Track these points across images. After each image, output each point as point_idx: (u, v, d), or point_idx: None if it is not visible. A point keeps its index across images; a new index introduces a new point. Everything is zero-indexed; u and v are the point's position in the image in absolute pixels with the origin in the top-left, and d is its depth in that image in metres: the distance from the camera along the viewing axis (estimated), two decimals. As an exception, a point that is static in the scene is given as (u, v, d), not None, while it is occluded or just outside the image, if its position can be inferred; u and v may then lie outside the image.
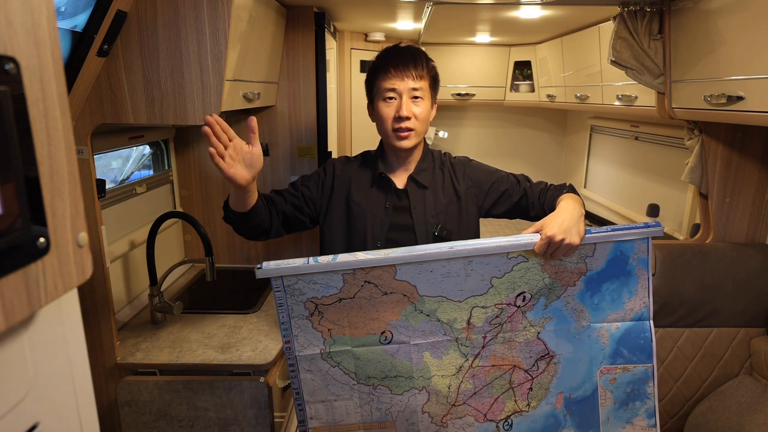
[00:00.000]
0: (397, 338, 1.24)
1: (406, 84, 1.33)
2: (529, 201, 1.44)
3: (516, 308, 1.24)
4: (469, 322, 1.24)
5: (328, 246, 1.44)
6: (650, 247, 1.22)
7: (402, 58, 1.35)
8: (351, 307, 1.21)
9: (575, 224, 1.15)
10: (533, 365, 1.28)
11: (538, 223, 1.18)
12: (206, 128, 1.15)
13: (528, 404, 1.30)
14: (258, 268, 1.15)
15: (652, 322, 1.27)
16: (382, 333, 1.24)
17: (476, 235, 1.49)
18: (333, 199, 1.44)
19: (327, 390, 1.27)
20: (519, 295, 1.23)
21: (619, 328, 1.27)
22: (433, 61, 1.42)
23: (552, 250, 1.14)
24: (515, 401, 1.30)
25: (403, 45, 1.40)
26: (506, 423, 1.31)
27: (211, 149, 1.15)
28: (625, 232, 1.20)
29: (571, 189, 1.40)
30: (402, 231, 1.41)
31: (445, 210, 1.42)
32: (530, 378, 1.29)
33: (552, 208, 1.31)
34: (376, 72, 1.37)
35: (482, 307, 1.23)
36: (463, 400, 1.29)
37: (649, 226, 1.20)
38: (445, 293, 1.21)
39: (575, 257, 1.21)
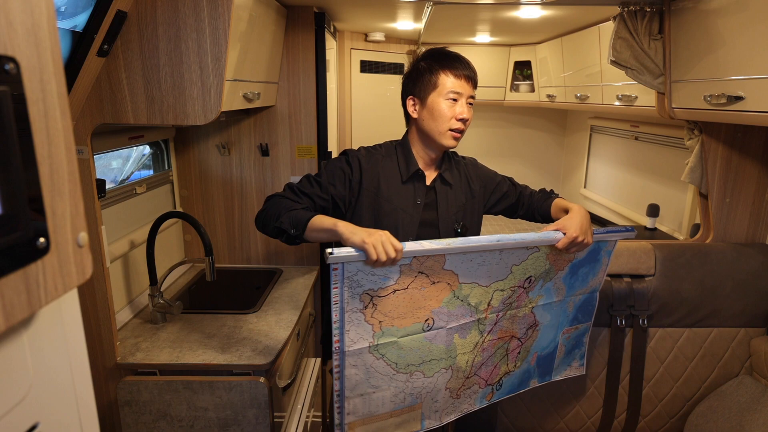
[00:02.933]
0: (437, 324, 1.32)
1: (469, 90, 1.43)
2: (520, 202, 1.61)
3: (523, 290, 1.42)
4: (489, 304, 1.37)
5: None
6: (616, 243, 1.51)
7: (467, 65, 1.44)
8: (403, 298, 1.25)
9: (589, 227, 1.36)
10: (524, 333, 1.50)
11: (558, 223, 1.35)
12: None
13: (515, 365, 1.53)
14: (330, 254, 1.13)
15: (598, 293, 1.60)
16: (426, 321, 1.30)
17: (479, 230, 1.61)
18: (361, 196, 1.42)
19: (368, 383, 1.31)
20: (527, 278, 1.40)
21: (580, 299, 1.57)
22: None
23: (571, 247, 1.34)
24: (507, 364, 1.51)
25: (455, 52, 1.47)
26: (498, 384, 1.53)
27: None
28: (611, 234, 1.46)
29: (556, 194, 1.59)
30: (428, 227, 1.46)
31: (463, 207, 1.51)
32: (521, 344, 1.51)
33: (543, 211, 1.56)
34: (441, 69, 1.41)
35: (501, 290, 1.37)
36: (474, 371, 1.45)
37: (627, 230, 1.47)
38: (478, 279, 1.33)
39: None
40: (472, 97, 1.44)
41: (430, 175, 1.50)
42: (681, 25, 1.68)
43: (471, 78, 1.43)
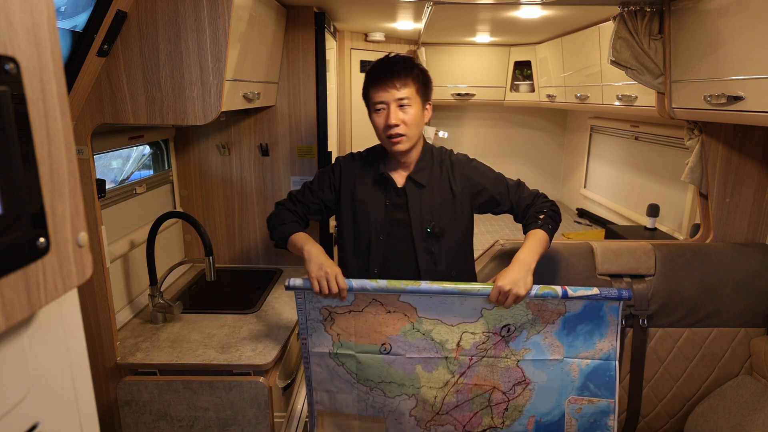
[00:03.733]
0: (395, 350, 1.43)
1: (392, 95, 1.43)
2: (514, 211, 1.58)
3: (500, 338, 1.42)
4: (458, 345, 1.42)
5: (341, 236, 1.60)
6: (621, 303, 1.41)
7: (386, 70, 1.44)
8: (358, 319, 1.41)
9: (522, 278, 1.33)
10: (511, 389, 1.45)
11: (495, 277, 1.37)
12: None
13: (503, 422, 1.48)
14: (287, 286, 1.38)
15: (617, 362, 1.44)
16: (383, 344, 1.42)
17: (468, 231, 1.59)
18: (342, 197, 1.57)
19: (332, 383, 1.48)
20: (504, 326, 1.41)
21: (589, 365, 1.44)
22: (419, 66, 1.49)
23: (503, 298, 1.34)
24: (492, 418, 1.48)
25: (391, 56, 1.50)
26: None
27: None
28: (593, 296, 1.37)
29: (546, 220, 1.49)
30: (400, 226, 1.52)
31: (439, 208, 1.51)
32: (507, 400, 1.46)
33: (525, 231, 1.52)
34: (367, 86, 1.49)
35: (471, 333, 1.41)
36: (446, 410, 1.47)
37: (621, 295, 1.37)
38: (441, 317, 1.40)
39: (556, 300, 1.38)
40: (402, 99, 1.42)
41: (403, 177, 1.54)
42: (681, 25, 1.68)
43: (390, 82, 1.42)
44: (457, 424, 1.48)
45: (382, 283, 1.36)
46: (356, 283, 1.37)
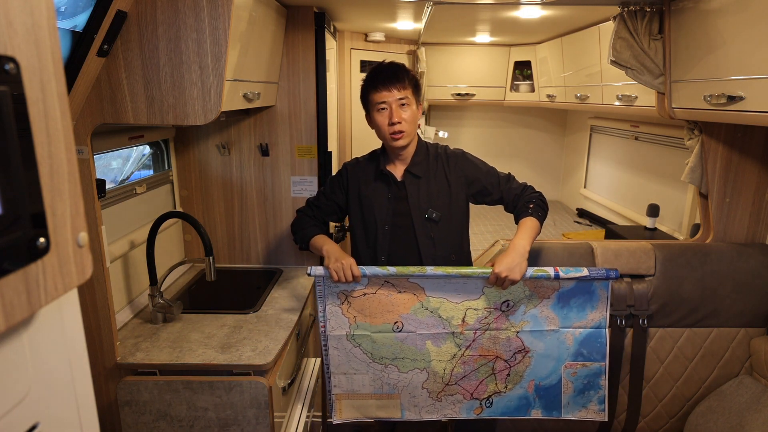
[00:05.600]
0: (406, 328, 1.57)
1: (393, 96, 1.59)
2: (505, 202, 1.70)
3: (501, 312, 1.56)
4: (463, 320, 1.56)
5: (353, 230, 1.77)
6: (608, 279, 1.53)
7: (388, 74, 1.60)
8: (372, 300, 1.55)
9: (518, 264, 1.47)
10: (512, 357, 1.59)
11: (493, 260, 1.51)
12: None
13: (506, 386, 1.62)
14: (309, 273, 1.54)
15: (607, 329, 1.58)
16: (395, 323, 1.57)
17: (464, 218, 1.71)
18: (350, 196, 1.75)
19: (348, 365, 1.61)
20: (504, 302, 1.55)
21: (582, 333, 1.58)
22: (412, 71, 1.65)
23: (500, 282, 1.49)
24: (496, 384, 1.62)
25: (386, 63, 1.65)
26: (488, 401, 1.64)
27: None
28: (588, 277, 1.51)
29: (536, 209, 1.61)
30: (402, 216, 1.67)
31: (436, 197, 1.66)
32: (509, 366, 1.60)
33: (516, 222, 1.64)
34: (368, 88, 1.63)
35: (474, 309, 1.55)
36: (455, 381, 1.61)
37: (608, 275, 1.51)
38: (446, 296, 1.54)
39: (550, 280, 1.52)
40: (402, 99, 1.58)
41: (402, 171, 1.69)
42: (681, 25, 1.68)
43: (392, 84, 1.57)
44: (465, 393, 1.62)
45: (391, 269, 1.52)
46: (369, 270, 1.53)
